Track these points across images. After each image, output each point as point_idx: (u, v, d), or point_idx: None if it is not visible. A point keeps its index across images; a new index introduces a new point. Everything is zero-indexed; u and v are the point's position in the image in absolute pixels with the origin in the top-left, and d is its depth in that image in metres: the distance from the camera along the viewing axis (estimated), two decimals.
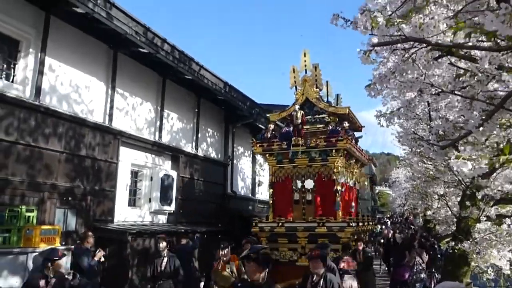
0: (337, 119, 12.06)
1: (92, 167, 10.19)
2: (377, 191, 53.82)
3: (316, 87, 12.16)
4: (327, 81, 12.62)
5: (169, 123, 13.67)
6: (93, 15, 9.27)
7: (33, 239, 7.46)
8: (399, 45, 3.18)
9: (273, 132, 12.18)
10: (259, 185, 19.35)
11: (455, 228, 10.78)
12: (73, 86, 10.06)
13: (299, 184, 11.40)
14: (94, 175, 10.22)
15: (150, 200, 12.27)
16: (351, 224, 10.36)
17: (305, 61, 12.27)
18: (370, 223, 13.89)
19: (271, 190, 11.63)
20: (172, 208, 12.84)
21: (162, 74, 12.97)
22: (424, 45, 3.15)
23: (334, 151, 10.90)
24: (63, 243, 8.88)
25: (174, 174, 13.05)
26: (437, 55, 3.54)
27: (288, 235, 10.83)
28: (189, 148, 14.47)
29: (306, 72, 12.27)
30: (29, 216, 7.80)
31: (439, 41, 2.88)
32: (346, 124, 11.73)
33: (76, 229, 9.61)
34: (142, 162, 12.37)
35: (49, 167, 9.11)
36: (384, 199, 53.82)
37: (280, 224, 10.91)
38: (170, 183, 12.79)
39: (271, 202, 11.60)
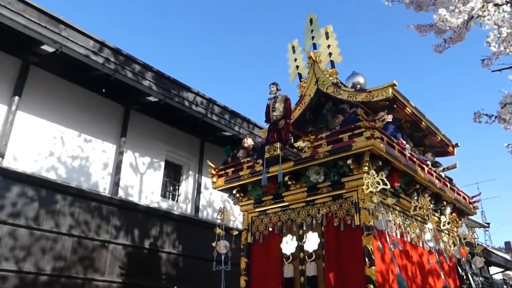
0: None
1: None
2: None
3: (332, 67, 6.98)
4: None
5: None
6: (238, 136, 10.71)
7: None
8: None
9: (252, 152, 6.91)
10: None
11: None
12: (223, 200, 11.32)
13: (293, 245, 5.72)
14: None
15: None
16: None
17: (312, 31, 7.35)
18: None
19: (245, 260, 6.37)
20: None
21: None
22: None
23: (352, 160, 5.26)
24: None
25: None
26: None
27: None
28: None
29: (315, 48, 7.25)
30: None
31: None
32: (388, 117, 6.06)
33: None
34: None
35: (206, 276, 9.94)
36: None
37: None
38: None
39: (243, 281, 6.26)
